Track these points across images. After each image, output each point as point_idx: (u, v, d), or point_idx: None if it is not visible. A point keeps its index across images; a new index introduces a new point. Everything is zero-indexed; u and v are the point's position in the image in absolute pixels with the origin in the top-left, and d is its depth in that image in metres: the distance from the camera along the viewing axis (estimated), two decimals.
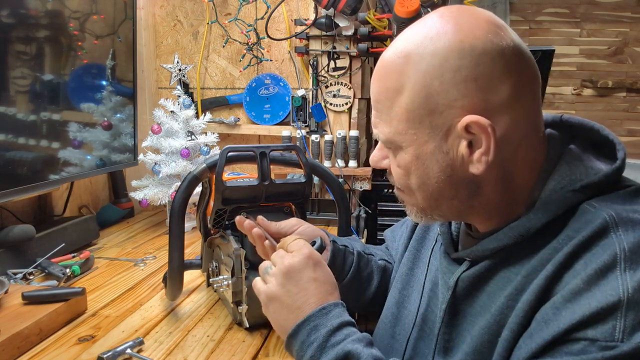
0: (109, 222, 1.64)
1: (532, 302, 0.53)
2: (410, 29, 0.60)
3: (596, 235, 0.52)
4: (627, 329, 0.46)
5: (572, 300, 0.50)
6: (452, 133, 0.57)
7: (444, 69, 0.55)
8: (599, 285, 0.49)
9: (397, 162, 0.62)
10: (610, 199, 0.55)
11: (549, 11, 3.65)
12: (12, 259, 1.14)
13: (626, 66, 3.66)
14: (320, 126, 1.74)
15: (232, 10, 1.83)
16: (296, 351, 0.62)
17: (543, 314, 0.52)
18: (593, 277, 0.49)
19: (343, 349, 0.58)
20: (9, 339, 0.81)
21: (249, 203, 0.91)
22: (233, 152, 0.88)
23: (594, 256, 0.51)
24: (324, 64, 1.70)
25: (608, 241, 0.51)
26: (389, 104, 0.59)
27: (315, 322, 0.61)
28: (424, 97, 0.57)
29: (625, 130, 3.69)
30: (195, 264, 1.10)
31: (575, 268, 0.51)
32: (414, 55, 0.57)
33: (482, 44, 0.54)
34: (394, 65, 0.59)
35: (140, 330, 0.92)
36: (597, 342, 0.47)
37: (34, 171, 1.21)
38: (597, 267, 0.49)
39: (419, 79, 0.56)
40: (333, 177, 0.99)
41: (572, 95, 3.71)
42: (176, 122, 1.53)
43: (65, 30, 1.31)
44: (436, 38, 0.56)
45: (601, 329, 0.47)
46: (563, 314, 0.50)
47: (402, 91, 0.58)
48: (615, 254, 0.49)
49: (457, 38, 0.55)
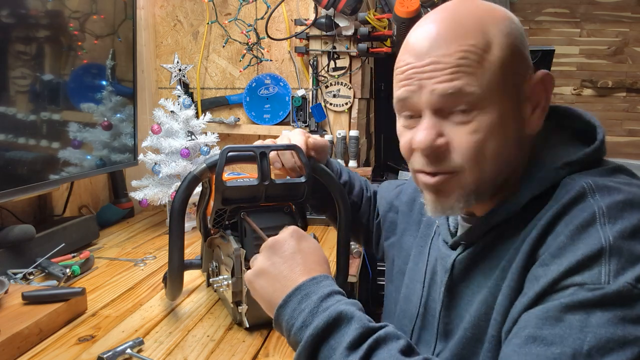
0: (109, 222, 1.64)
1: (521, 266, 0.57)
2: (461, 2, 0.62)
3: (574, 200, 0.56)
4: (612, 272, 0.49)
5: (559, 255, 0.53)
6: (522, 93, 0.61)
7: (517, 31, 0.61)
8: (582, 238, 0.52)
9: (474, 127, 0.59)
10: (589, 173, 0.60)
11: (549, 11, 3.65)
12: (12, 259, 1.14)
13: (626, 66, 3.66)
14: (320, 126, 1.74)
15: (232, 10, 1.83)
16: (286, 321, 0.60)
17: (533, 272, 0.55)
18: (575, 233, 0.53)
19: (335, 309, 0.57)
20: (9, 339, 0.81)
21: (249, 203, 0.91)
22: (233, 152, 0.88)
23: (574, 217, 0.54)
24: (324, 64, 1.70)
25: (586, 204, 0.55)
26: (479, 59, 0.58)
27: (306, 291, 0.61)
28: (511, 55, 0.59)
29: (625, 130, 3.69)
30: (196, 264, 1.10)
31: (556, 230, 0.55)
32: (487, 18, 0.60)
33: (513, 16, 0.62)
34: (475, 22, 0.59)
35: (140, 330, 0.92)
36: (585, 286, 0.50)
37: (34, 171, 1.21)
38: (578, 223, 0.53)
39: (504, 37, 0.59)
40: (333, 177, 0.99)
41: (572, 95, 3.71)
42: (176, 122, 1.53)
43: (65, 30, 1.31)
44: (496, 8, 0.62)
45: (588, 274, 0.50)
46: (551, 268, 0.53)
47: (491, 46, 0.58)
48: (593, 212, 0.53)
49: (503, 10, 0.62)
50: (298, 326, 0.58)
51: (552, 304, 0.51)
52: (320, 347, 0.56)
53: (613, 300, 0.49)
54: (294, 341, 0.59)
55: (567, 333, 0.48)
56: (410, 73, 0.60)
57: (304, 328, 0.58)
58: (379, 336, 0.55)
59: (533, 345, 0.50)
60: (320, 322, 0.57)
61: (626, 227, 0.51)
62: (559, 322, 0.49)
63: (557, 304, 0.50)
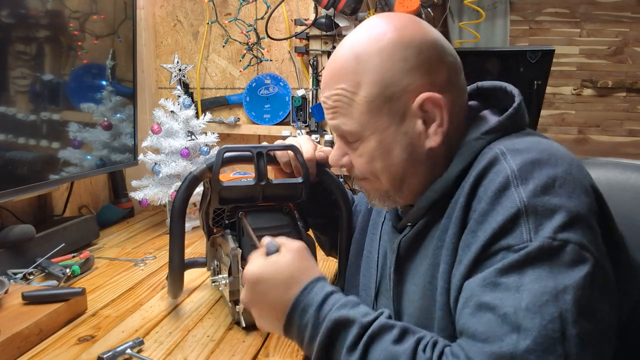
0: (109, 222, 1.64)
1: (455, 232, 0.62)
2: (352, 35, 0.69)
3: (489, 165, 0.61)
4: (532, 230, 0.54)
5: (482, 221, 0.58)
6: (409, 114, 0.66)
7: (393, 61, 0.65)
8: (500, 202, 0.57)
9: (360, 152, 0.70)
10: (503, 140, 0.65)
11: (549, 11, 3.65)
12: (12, 259, 1.14)
13: (626, 66, 3.65)
14: (320, 126, 1.74)
15: (232, 10, 1.83)
16: (296, 338, 0.64)
17: (464, 240, 0.60)
18: (493, 198, 0.58)
19: (330, 319, 0.60)
20: (9, 339, 0.81)
21: (247, 203, 0.91)
22: (230, 152, 0.88)
23: (490, 181, 0.59)
24: (324, 64, 1.70)
25: (499, 167, 0.60)
26: (348, 101, 0.67)
27: (302, 305, 0.63)
28: (380, 88, 0.66)
29: (626, 130, 3.69)
30: (200, 262, 1.11)
31: (478, 194, 0.60)
32: (363, 55, 0.66)
33: (417, 36, 0.66)
34: (347, 66, 0.67)
35: (140, 330, 0.92)
36: (512, 248, 0.55)
37: (34, 171, 1.21)
38: (495, 188, 0.58)
39: (373, 74, 0.65)
40: (333, 177, 0.99)
41: (572, 95, 3.70)
42: (176, 122, 1.53)
43: (65, 30, 1.31)
44: (379, 37, 0.66)
45: (512, 236, 0.55)
46: (479, 234, 0.58)
47: (359, 87, 0.66)
48: (507, 175, 0.58)
49: (397, 35, 0.66)
50: (307, 341, 0.62)
51: (488, 271, 0.55)
52: (331, 352, 0.61)
53: (538, 256, 0.53)
54: (308, 350, 0.63)
55: (506, 295, 0.53)
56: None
57: (312, 341, 0.62)
58: (372, 332, 0.58)
59: (481, 312, 0.54)
60: (323, 335, 0.60)
61: (537, 185, 0.56)
62: (497, 287, 0.54)
63: (492, 270, 0.55)
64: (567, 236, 0.53)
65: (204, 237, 1.49)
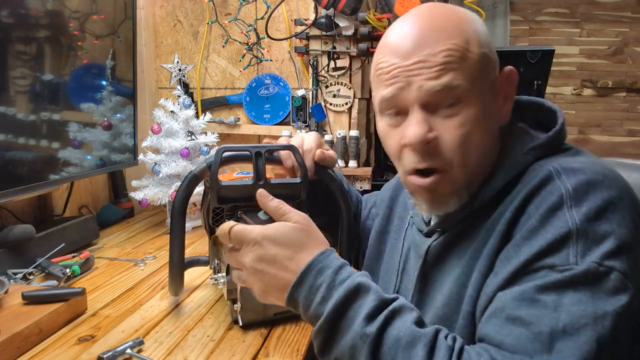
0: (109, 222, 1.64)
1: (496, 245, 0.61)
2: (435, 5, 0.67)
3: (543, 182, 0.60)
4: (579, 254, 0.54)
5: (530, 237, 0.57)
6: (495, 86, 0.66)
7: (485, 31, 0.65)
8: (551, 221, 0.56)
9: (460, 120, 0.63)
10: (554, 158, 0.64)
11: (549, 11, 3.65)
12: (12, 259, 1.14)
13: (626, 66, 3.65)
14: (320, 126, 1.74)
15: (232, 10, 1.83)
16: (304, 297, 0.61)
17: (505, 253, 0.59)
18: (545, 216, 0.57)
19: (353, 281, 0.59)
20: (9, 339, 0.81)
21: (245, 202, 0.91)
22: (228, 151, 0.89)
23: (543, 199, 0.58)
24: (324, 64, 1.70)
25: (554, 185, 0.59)
26: (461, 55, 0.62)
27: (320, 266, 0.61)
28: (485, 49, 0.65)
29: (626, 130, 3.69)
30: (202, 260, 1.11)
31: (528, 211, 0.59)
32: (461, 18, 0.65)
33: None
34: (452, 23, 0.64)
35: (140, 330, 0.92)
36: (555, 268, 0.54)
37: (34, 171, 1.21)
38: (548, 207, 0.57)
39: (477, 33, 0.64)
40: (334, 177, 0.99)
41: (572, 95, 3.70)
42: (176, 122, 1.53)
43: (65, 30, 1.31)
44: (463, 9, 0.66)
45: (558, 257, 0.54)
46: (522, 250, 0.57)
47: (469, 44, 0.63)
48: (561, 195, 0.57)
49: (470, 12, 0.66)
50: (318, 301, 0.59)
51: (527, 286, 0.54)
52: (340, 318, 0.58)
53: (582, 280, 0.53)
54: (313, 315, 0.60)
55: (543, 313, 0.52)
56: (397, 72, 0.64)
57: (323, 302, 0.59)
58: (395, 307, 0.57)
59: (513, 325, 0.53)
60: (340, 296, 0.58)
61: (590, 209, 0.56)
62: (534, 303, 0.53)
63: (532, 286, 0.54)
64: (613, 264, 0.53)
65: (204, 237, 1.50)
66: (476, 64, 0.63)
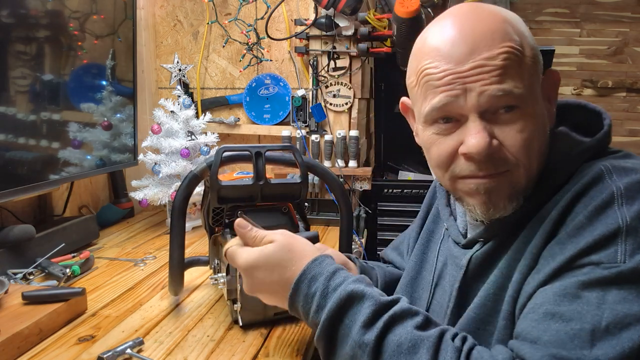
0: (109, 222, 1.64)
1: (540, 244, 0.58)
2: (471, 4, 0.64)
3: (593, 181, 0.57)
4: (627, 252, 0.51)
5: (576, 234, 0.55)
6: (542, 89, 0.63)
7: (529, 30, 0.63)
8: (600, 218, 0.54)
9: (520, 126, 0.60)
10: (604, 159, 0.62)
11: (549, 11, 3.65)
12: (12, 259, 1.14)
13: (626, 66, 3.65)
14: (320, 126, 1.74)
15: (232, 10, 1.83)
16: (302, 307, 0.62)
17: (549, 250, 0.57)
18: (593, 213, 0.54)
19: (345, 290, 0.58)
20: (9, 339, 0.81)
21: (245, 202, 0.91)
22: (228, 151, 0.89)
23: (592, 198, 0.56)
24: (324, 64, 1.70)
25: (604, 184, 0.56)
26: (518, 60, 0.59)
27: (312, 273, 0.61)
28: (536, 54, 0.62)
29: (626, 130, 3.69)
30: (202, 260, 1.11)
31: (575, 210, 0.57)
32: (509, 19, 0.62)
33: None
34: (504, 25, 0.61)
35: (140, 330, 0.92)
36: (601, 264, 0.52)
37: (34, 171, 1.21)
38: (597, 204, 0.55)
39: (526, 36, 0.62)
40: (334, 178, 0.99)
41: (572, 95, 3.71)
42: (176, 122, 1.53)
43: (65, 30, 1.31)
44: (505, 9, 0.63)
45: (605, 253, 0.52)
46: (568, 246, 0.54)
47: (524, 46, 0.60)
48: (612, 192, 0.55)
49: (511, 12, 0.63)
50: (314, 309, 0.59)
51: (569, 281, 0.52)
52: (337, 326, 0.58)
53: (628, 278, 0.50)
54: (313, 324, 0.60)
55: (585, 309, 0.50)
56: (451, 78, 0.59)
57: (319, 311, 0.59)
58: (395, 312, 0.56)
59: (552, 321, 0.51)
60: (333, 304, 0.58)
61: None
62: (576, 299, 0.51)
63: (574, 281, 0.52)
64: None
65: (204, 237, 1.50)
66: (531, 67, 0.61)
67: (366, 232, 1.83)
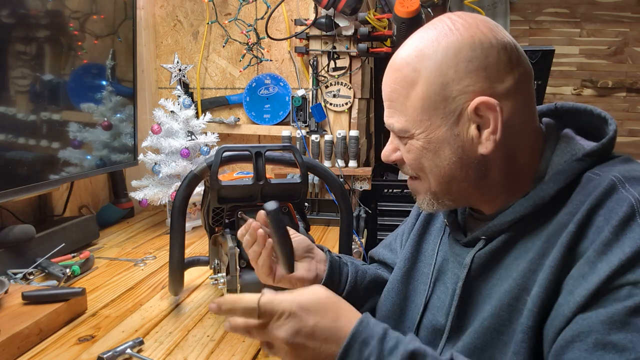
0: (109, 222, 1.64)
1: (559, 258, 0.57)
2: (419, 32, 0.67)
3: (607, 193, 0.57)
4: None
5: (605, 251, 0.54)
6: (463, 117, 0.63)
7: (458, 60, 0.62)
8: (626, 233, 0.54)
9: (408, 148, 0.68)
10: (609, 165, 0.63)
11: (549, 11, 3.65)
12: (12, 259, 1.14)
13: (626, 66, 3.65)
14: (320, 126, 1.74)
15: (232, 10, 1.83)
16: None
17: (579, 270, 0.56)
18: (618, 228, 0.54)
19: (406, 350, 0.55)
20: (9, 339, 0.81)
21: (245, 202, 0.91)
22: (229, 151, 0.89)
23: (611, 211, 0.56)
24: (324, 64, 1.70)
25: (620, 196, 0.56)
26: (405, 95, 0.65)
27: (364, 336, 0.56)
28: (439, 85, 0.63)
29: (626, 130, 3.69)
30: (202, 260, 1.11)
31: (596, 224, 0.56)
32: (428, 50, 0.64)
33: (488, 39, 0.63)
34: (409, 61, 0.65)
35: (140, 330, 0.92)
36: (639, 284, 0.51)
37: (34, 171, 1.21)
38: (620, 218, 0.54)
39: (434, 69, 0.63)
40: (334, 178, 0.99)
41: (572, 95, 3.70)
42: (176, 122, 1.53)
43: (65, 30, 1.31)
44: (449, 34, 0.64)
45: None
46: (599, 265, 0.54)
47: (417, 82, 0.64)
48: (632, 205, 0.55)
49: (468, 34, 0.63)
50: None
51: (616, 309, 0.52)
52: None
53: None
54: None
55: (637, 338, 0.50)
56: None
57: None
58: None
59: (604, 351, 0.51)
60: None
61: None
62: (625, 327, 0.50)
63: (621, 308, 0.51)
64: None
65: (204, 237, 1.50)
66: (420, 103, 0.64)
67: (366, 232, 1.83)
